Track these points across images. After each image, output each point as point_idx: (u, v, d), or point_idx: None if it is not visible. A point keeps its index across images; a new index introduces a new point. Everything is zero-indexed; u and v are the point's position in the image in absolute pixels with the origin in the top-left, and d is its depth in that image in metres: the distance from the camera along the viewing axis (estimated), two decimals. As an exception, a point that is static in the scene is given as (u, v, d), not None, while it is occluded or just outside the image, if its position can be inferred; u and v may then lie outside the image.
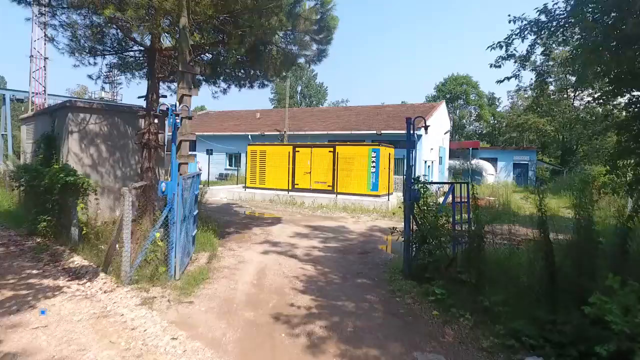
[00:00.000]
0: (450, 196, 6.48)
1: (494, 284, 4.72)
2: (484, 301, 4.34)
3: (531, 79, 30.83)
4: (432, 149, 22.07)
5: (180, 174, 6.26)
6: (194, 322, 4.26)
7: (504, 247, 6.10)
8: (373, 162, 15.00)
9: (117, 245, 5.70)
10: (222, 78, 10.87)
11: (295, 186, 16.48)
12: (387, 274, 6.21)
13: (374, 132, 20.18)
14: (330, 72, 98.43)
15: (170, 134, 5.89)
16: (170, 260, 5.36)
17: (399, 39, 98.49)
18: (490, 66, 6.53)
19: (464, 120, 44.11)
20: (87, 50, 9.07)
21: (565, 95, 28.72)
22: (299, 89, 65.95)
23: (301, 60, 9.64)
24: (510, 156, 28.93)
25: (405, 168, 6.32)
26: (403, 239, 6.14)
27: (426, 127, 6.67)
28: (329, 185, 15.80)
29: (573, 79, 28.08)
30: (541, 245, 4.19)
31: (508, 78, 6.68)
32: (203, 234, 7.95)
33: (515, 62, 6.17)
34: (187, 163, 6.45)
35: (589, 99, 7.04)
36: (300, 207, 14.32)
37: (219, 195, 17.02)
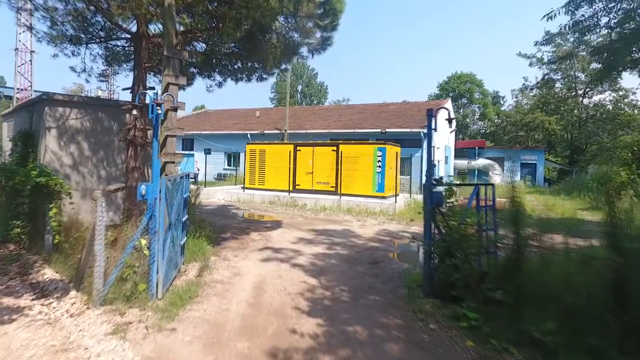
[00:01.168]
0: (475, 199, 5.65)
1: (534, 304, 3.91)
2: (531, 330, 3.53)
3: (546, 74, 29.97)
4: (438, 147, 21.23)
5: (166, 175, 5.46)
6: (174, 358, 3.45)
7: (538, 256, 5.29)
8: (379, 161, 14.19)
9: (90, 258, 4.89)
10: (217, 70, 10.08)
11: (297, 187, 15.67)
12: (404, 289, 5.40)
13: (378, 130, 19.37)
14: (331, 72, 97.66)
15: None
16: (152, 276, 4.55)
17: (400, 38, 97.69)
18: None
19: (467, 120, 43.29)
20: (69, 39, 8.29)
21: (573, 93, 27.93)
22: (300, 88, 65.18)
23: (303, 50, 8.84)
24: (517, 155, 28.12)
25: (424, 166, 5.52)
26: (422, 249, 5.33)
27: (450, 120, 5.85)
28: (332, 186, 14.99)
29: (582, 76, 27.33)
30: (607, 258, 3.37)
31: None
32: (195, 242, 7.15)
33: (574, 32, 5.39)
34: (174, 162, 5.65)
35: (601, 96, 6.32)
36: (301, 210, 13.51)
37: (215, 196, 16.21)
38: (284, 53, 8.71)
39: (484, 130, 45.08)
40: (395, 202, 13.01)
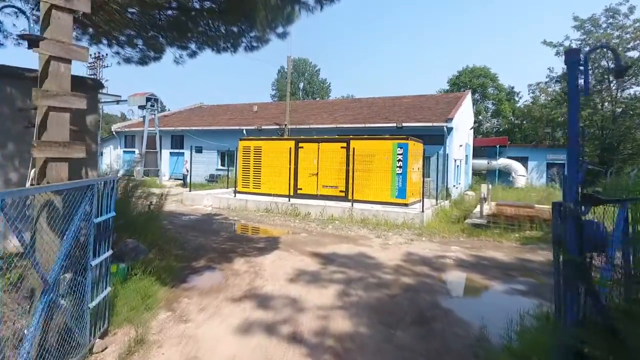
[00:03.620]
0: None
1: None
2: None
3: (562, 68, 27.24)
4: (460, 145, 18.60)
5: (47, 182, 2.86)
6: None
7: None
8: (399, 160, 11.56)
9: None
10: (193, 37, 7.50)
11: (299, 191, 13.05)
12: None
13: (393, 125, 16.71)
14: (333, 69, 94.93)
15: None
16: None
17: (405, 33, 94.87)
18: None
19: (480, 117, 40.55)
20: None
21: (604, 86, 25.17)
22: (301, 85, 62.77)
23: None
24: (542, 155, 25.32)
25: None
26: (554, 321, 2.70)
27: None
28: (341, 191, 12.37)
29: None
30: None
31: None
32: (139, 283, 4.58)
33: None
34: (68, 159, 3.03)
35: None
36: (304, 220, 10.88)
37: (202, 202, 13.61)
38: (279, 6, 6.11)
39: (496, 129, 42.32)
40: (422, 211, 10.36)
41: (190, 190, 14.35)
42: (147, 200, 7.26)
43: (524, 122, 38.26)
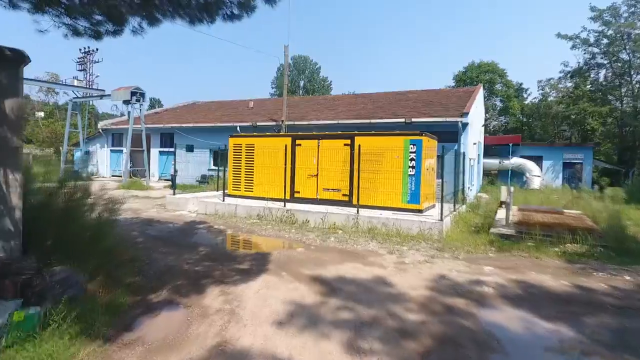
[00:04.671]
0: None
1: None
2: None
3: (578, 62, 25.65)
4: (474, 143, 17.01)
5: None
6: None
7: None
8: (412, 159, 9.98)
9: None
10: (156, 4, 5.93)
11: (296, 195, 11.48)
12: None
13: (401, 120, 15.11)
14: (334, 67, 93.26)
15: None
16: None
17: (408, 29, 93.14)
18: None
19: (487, 115, 38.94)
20: None
21: (624, 80, 23.57)
22: (302, 83, 61.30)
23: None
24: (558, 154, 23.65)
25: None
26: None
27: None
28: (344, 195, 10.79)
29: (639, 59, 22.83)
30: None
31: None
32: (56, 338, 3.05)
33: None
34: None
35: None
36: (301, 230, 9.30)
37: (186, 207, 12.04)
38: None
39: (504, 127, 40.69)
40: (441, 219, 8.76)
41: (174, 194, 12.76)
42: (93, 207, 5.65)
43: (536, 119, 36.70)
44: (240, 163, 12.67)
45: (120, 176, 21.80)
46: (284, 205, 10.59)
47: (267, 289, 5.11)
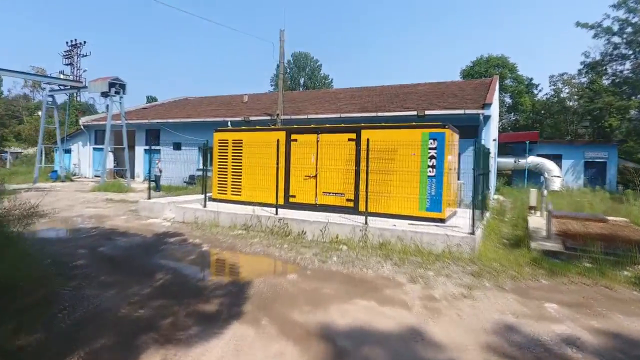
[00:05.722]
0: None
1: None
2: None
3: (601, 53, 23.81)
4: (494, 140, 15.14)
5: None
6: None
7: None
8: (432, 157, 8.13)
9: None
10: None
11: (291, 200, 9.64)
12: None
13: (413, 113, 13.25)
14: (335, 66, 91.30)
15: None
16: None
17: (411, 26, 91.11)
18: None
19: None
20: None
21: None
22: (302, 81, 59.44)
23: None
24: (579, 152, 21.74)
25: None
26: None
27: None
28: (349, 200, 8.95)
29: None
30: None
31: None
32: None
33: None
34: None
35: None
36: (296, 245, 7.45)
37: (162, 213, 10.20)
38: None
39: (514, 124, 38.74)
40: (472, 232, 6.90)
41: (149, 197, 10.90)
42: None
43: (547, 117, 34.75)
44: (226, 162, 10.83)
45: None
46: (276, 213, 8.74)
47: (236, 356, 3.27)
